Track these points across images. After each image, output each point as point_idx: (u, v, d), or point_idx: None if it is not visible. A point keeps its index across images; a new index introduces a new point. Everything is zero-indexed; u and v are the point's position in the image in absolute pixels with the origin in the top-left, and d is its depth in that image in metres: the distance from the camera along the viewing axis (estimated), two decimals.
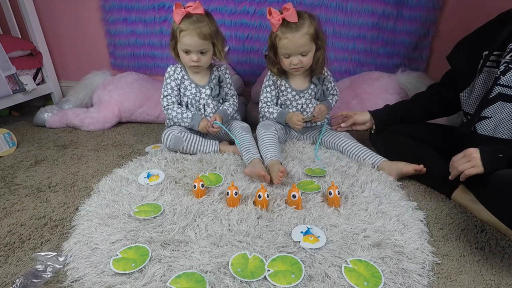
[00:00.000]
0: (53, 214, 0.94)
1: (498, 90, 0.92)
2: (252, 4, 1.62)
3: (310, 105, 1.30)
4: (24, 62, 1.73)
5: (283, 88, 1.28)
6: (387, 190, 1.02)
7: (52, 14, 1.84)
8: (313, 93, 1.29)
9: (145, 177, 1.09)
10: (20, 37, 1.80)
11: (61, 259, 0.76)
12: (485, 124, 0.97)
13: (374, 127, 1.25)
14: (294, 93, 1.28)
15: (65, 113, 1.61)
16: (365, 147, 1.23)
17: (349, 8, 1.58)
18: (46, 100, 1.97)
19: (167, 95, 1.27)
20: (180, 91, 1.29)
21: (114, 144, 1.43)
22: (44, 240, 0.83)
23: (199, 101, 1.28)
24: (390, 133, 1.20)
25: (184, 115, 1.25)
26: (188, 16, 1.15)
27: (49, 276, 0.72)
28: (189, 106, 1.30)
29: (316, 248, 0.78)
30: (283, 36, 1.12)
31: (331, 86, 1.33)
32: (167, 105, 1.27)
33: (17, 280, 0.70)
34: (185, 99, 1.28)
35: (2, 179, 1.14)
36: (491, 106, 0.94)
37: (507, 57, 0.92)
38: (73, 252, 0.78)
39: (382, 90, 1.55)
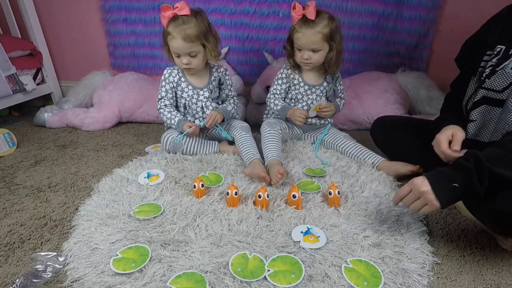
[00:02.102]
0: (53, 214, 0.94)
1: (483, 94, 0.89)
2: (252, 4, 1.62)
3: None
4: (24, 62, 1.73)
5: (296, 82, 1.29)
6: (387, 190, 1.02)
7: (52, 14, 1.84)
8: (324, 91, 1.30)
9: (145, 177, 1.09)
10: (20, 37, 1.80)
11: (61, 259, 0.76)
12: (470, 127, 0.93)
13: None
14: (306, 87, 1.28)
15: (65, 113, 1.61)
16: (364, 147, 1.23)
17: (349, 8, 1.58)
18: (46, 100, 1.97)
19: (161, 98, 1.26)
20: (176, 94, 1.28)
21: (114, 144, 1.43)
22: (44, 240, 0.83)
23: (196, 103, 1.27)
24: (391, 129, 1.19)
25: (173, 120, 1.23)
26: (174, 18, 1.12)
27: (49, 276, 0.72)
28: (187, 108, 1.28)
29: (316, 248, 0.78)
30: (298, 29, 1.16)
31: (340, 89, 1.34)
32: (160, 108, 1.26)
33: (17, 280, 0.70)
34: (183, 101, 1.27)
35: (2, 179, 1.14)
36: (476, 109, 0.91)
37: (494, 59, 0.88)
38: (73, 252, 0.78)
39: (382, 90, 1.55)
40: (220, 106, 1.30)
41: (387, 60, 1.67)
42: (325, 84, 1.30)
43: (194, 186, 0.98)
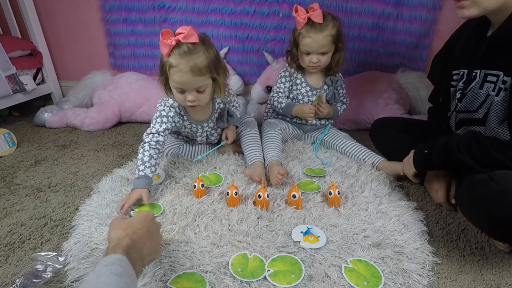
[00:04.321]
0: (53, 214, 0.94)
1: (460, 117, 0.91)
2: (252, 4, 1.62)
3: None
4: (24, 62, 1.73)
5: (298, 81, 1.29)
6: (387, 190, 1.02)
7: (52, 14, 1.84)
8: (325, 94, 1.30)
9: None
10: (20, 37, 1.80)
11: (61, 259, 0.76)
12: None
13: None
14: (308, 88, 1.29)
15: (65, 113, 1.61)
16: (364, 147, 1.23)
17: (349, 8, 1.58)
18: (46, 100, 1.96)
19: (154, 133, 1.03)
20: (176, 126, 1.14)
21: (114, 144, 1.43)
22: (44, 240, 0.83)
23: (201, 135, 1.21)
24: (390, 131, 1.19)
25: (137, 169, 0.97)
26: (178, 46, 0.93)
27: (49, 276, 0.72)
28: (189, 136, 1.23)
29: (316, 248, 0.78)
30: (306, 34, 1.15)
31: (342, 93, 1.34)
32: (146, 143, 1.01)
33: (17, 280, 0.70)
34: (184, 130, 1.19)
35: (2, 179, 1.14)
36: (458, 131, 0.93)
37: (460, 83, 0.89)
38: (73, 252, 0.77)
39: (382, 90, 1.55)
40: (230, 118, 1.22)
41: (387, 60, 1.67)
42: (325, 87, 1.30)
43: (194, 186, 0.98)
